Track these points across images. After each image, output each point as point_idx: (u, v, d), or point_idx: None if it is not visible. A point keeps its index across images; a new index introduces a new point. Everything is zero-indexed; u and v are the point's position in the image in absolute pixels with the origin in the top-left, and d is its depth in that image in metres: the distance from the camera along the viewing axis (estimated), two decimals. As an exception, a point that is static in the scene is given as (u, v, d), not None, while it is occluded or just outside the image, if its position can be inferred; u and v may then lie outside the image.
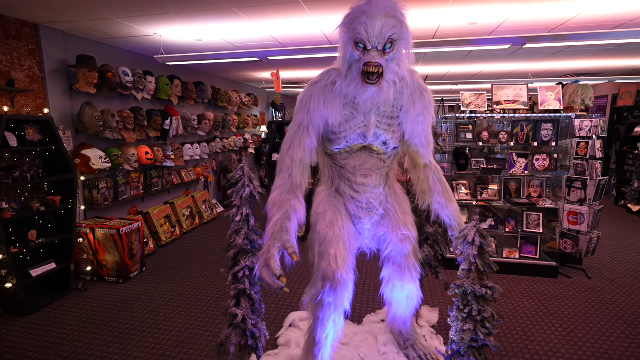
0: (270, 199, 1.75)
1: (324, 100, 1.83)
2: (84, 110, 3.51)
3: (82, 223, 3.54)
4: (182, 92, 4.94)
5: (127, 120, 3.99)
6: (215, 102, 6.10)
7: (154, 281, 3.58)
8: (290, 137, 1.88)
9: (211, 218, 5.74)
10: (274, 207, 1.71)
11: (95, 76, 3.52)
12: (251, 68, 5.75)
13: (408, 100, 1.86)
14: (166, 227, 4.70)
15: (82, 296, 3.28)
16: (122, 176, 4.10)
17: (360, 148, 1.96)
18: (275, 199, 1.73)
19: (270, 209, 1.72)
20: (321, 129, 1.88)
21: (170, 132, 4.76)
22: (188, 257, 4.18)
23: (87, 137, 3.77)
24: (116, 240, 3.48)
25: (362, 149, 1.97)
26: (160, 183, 4.77)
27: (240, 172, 1.79)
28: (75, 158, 3.49)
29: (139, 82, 4.12)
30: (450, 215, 2.09)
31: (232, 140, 6.61)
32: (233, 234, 1.85)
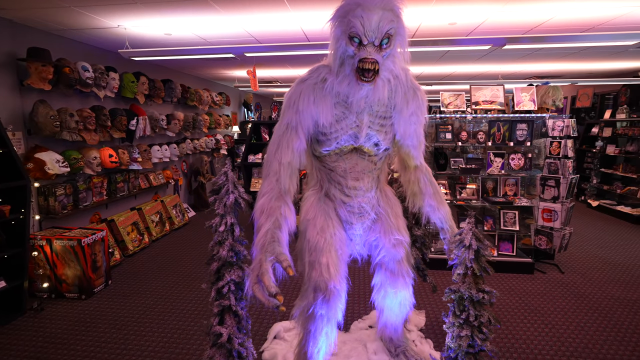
0: (258, 206, 1.60)
1: (314, 99, 1.71)
2: (38, 109, 3.15)
3: (36, 234, 3.19)
4: (149, 90, 4.62)
5: (88, 120, 3.65)
6: (184, 101, 5.79)
7: (122, 295, 3.29)
8: (278, 138, 1.74)
9: (182, 223, 5.43)
10: (262, 215, 1.57)
11: (50, 71, 3.17)
12: (224, 65, 5.50)
13: (402, 100, 1.78)
14: (133, 234, 4.37)
15: (39, 316, 2.94)
16: (82, 181, 3.75)
17: (351, 150, 1.86)
18: (263, 206, 1.59)
19: (258, 218, 1.58)
20: (310, 129, 1.76)
21: (136, 133, 4.44)
22: (159, 267, 3.90)
23: (41, 139, 3.40)
24: (77, 252, 3.16)
25: (353, 151, 1.87)
26: (126, 188, 4.43)
27: (223, 177, 1.63)
28: (28, 162, 3.13)
29: (100, 79, 3.79)
30: (442, 217, 2.04)
31: (203, 141, 6.31)
32: (216, 245, 1.68)
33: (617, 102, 6.52)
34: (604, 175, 6.73)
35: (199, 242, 4.70)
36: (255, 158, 4.50)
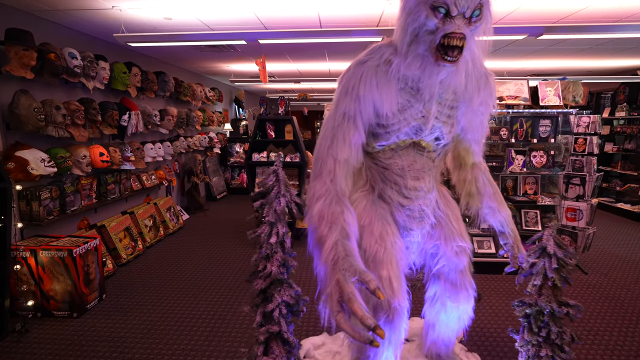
0: (315, 211, 1.32)
1: (377, 84, 1.44)
2: (19, 100, 2.73)
3: (19, 245, 2.77)
4: (141, 82, 4.21)
5: (76, 114, 3.24)
6: (177, 96, 5.38)
7: (119, 311, 2.91)
8: (332, 130, 1.46)
9: (177, 227, 5.04)
10: (324, 223, 1.29)
11: (34, 56, 2.76)
12: (222, 58, 5.14)
13: (473, 87, 1.54)
14: (126, 241, 3.97)
15: (23, 339, 2.54)
16: (70, 183, 3.33)
17: (408, 145, 1.60)
18: (322, 211, 1.31)
19: (317, 226, 1.30)
20: (371, 120, 1.49)
21: (128, 129, 4.03)
22: (157, 277, 3.53)
23: (22, 135, 2.97)
24: (67, 264, 2.76)
25: (410, 146, 1.61)
26: (117, 190, 4.02)
27: (272, 178, 1.34)
28: (8, 161, 2.71)
29: (89, 68, 3.37)
30: (502, 221, 1.82)
31: (197, 139, 5.92)
32: (262, 260, 1.39)
33: (615, 100, 6.57)
34: (602, 172, 6.77)
35: (197, 248, 4.34)
36: (260, 157, 4.18)
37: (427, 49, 1.34)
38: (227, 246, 4.41)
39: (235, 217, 5.78)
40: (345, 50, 4.73)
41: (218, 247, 4.37)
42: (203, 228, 5.18)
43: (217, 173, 7.25)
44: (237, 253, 4.18)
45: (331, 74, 6.54)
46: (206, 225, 5.31)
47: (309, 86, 8.91)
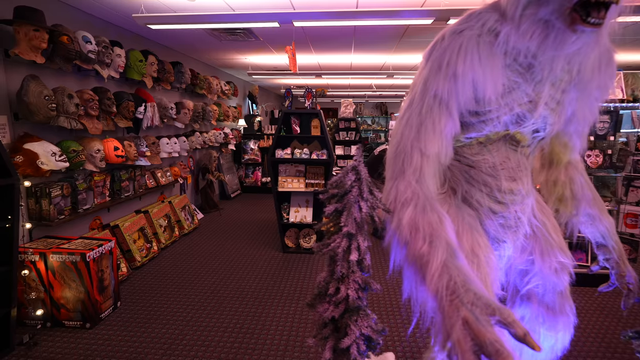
0: (405, 221, 1.02)
1: (479, 58, 1.12)
2: (28, 86, 2.45)
3: (27, 247, 2.50)
4: (157, 72, 3.93)
5: (90, 104, 2.96)
6: (193, 89, 5.10)
7: (136, 321, 2.64)
8: (418, 117, 1.15)
9: (192, 228, 4.76)
10: (419, 237, 0.98)
11: (45, 38, 2.48)
12: (240, 49, 4.84)
13: (594, 65, 1.22)
14: (140, 242, 3.70)
15: (31, 353, 2.27)
16: (82, 179, 3.06)
17: (500, 137, 1.29)
18: (415, 221, 1.01)
19: (411, 240, 0.99)
20: (468, 105, 1.18)
21: (144, 122, 3.75)
22: (174, 282, 3.25)
23: (31, 126, 2.70)
24: (80, 269, 2.49)
25: (502, 139, 1.30)
26: (131, 187, 3.75)
27: (352, 176, 1.04)
28: (16, 155, 2.44)
29: (104, 54, 3.10)
30: (604, 232, 1.50)
31: (212, 135, 5.64)
32: (333, 281, 1.09)
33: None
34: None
35: (215, 250, 4.06)
36: (284, 153, 3.88)
37: (555, 10, 1.02)
38: (246, 249, 4.12)
39: (252, 217, 5.50)
40: (374, 41, 4.41)
41: (237, 250, 4.08)
42: (219, 229, 4.90)
43: (230, 170, 6.97)
44: (257, 257, 3.89)
45: (352, 67, 6.22)
46: (222, 226, 5.03)
47: (326, 82, 8.59)
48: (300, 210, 4.09)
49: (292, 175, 4.09)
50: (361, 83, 8.46)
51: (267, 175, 7.36)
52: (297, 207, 4.10)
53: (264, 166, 7.35)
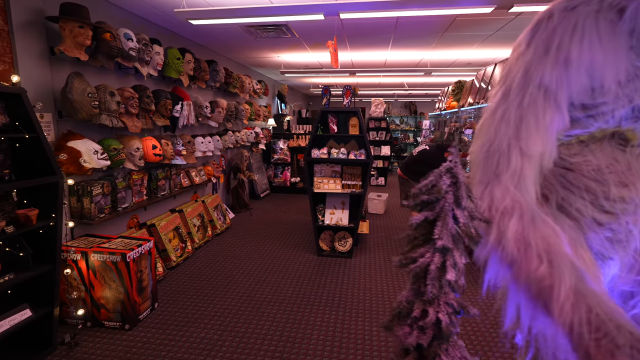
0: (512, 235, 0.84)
1: (599, 40, 0.93)
2: (72, 83, 2.44)
3: (70, 246, 2.48)
4: (193, 70, 3.90)
5: (130, 102, 2.93)
6: (226, 88, 5.06)
7: (174, 324, 2.57)
8: (517, 110, 0.97)
9: (224, 228, 4.72)
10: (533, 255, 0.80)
11: (89, 35, 2.46)
12: (274, 46, 4.75)
13: None
14: (175, 242, 3.66)
15: (72, 354, 2.24)
16: (121, 178, 3.04)
17: (607, 135, 1.08)
18: (524, 236, 0.83)
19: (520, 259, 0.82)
20: (581, 96, 0.98)
21: (180, 121, 3.72)
22: (210, 284, 3.18)
23: (74, 124, 2.70)
24: (120, 269, 2.45)
25: (607, 138, 1.09)
26: (167, 186, 3.72)
27: (447, 180, 0.87)
28: (60, 152, 2.42)
29: (144, 52, 3.07)
30: None
31: (244, 134, 5.59)
32: (418, 301, 0.92)
33: None
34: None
35: (248, 252, 3.98)
36: (320, 153, 3.74)
37: None
38: (280, 251, 4.02)
39: (283, 218, 5.40)
40: (415, 36, 4.20)
41: (270, 252, 3.98)
42: (251, 229, 4.83)
43: (260, 170, 6.93)
44: (291, 260, 3.78)
45: (386, 65, 6.01)
46: (253, 226, 4.96)
47: (358, 80, 8.41)
48: (335, 212, 3.95)
49: (328, 175, 3.95)
50: (392, 82, 8.22)
51: (296, 175, 7.27)
52: (332, 209, 3.96)
53: (293, 166, 7.26)
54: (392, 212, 5.86)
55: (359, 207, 3.86)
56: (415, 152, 4.39)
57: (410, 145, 12.98)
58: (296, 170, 7.30)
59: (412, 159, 4.34)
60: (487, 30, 3.99)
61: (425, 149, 4.32)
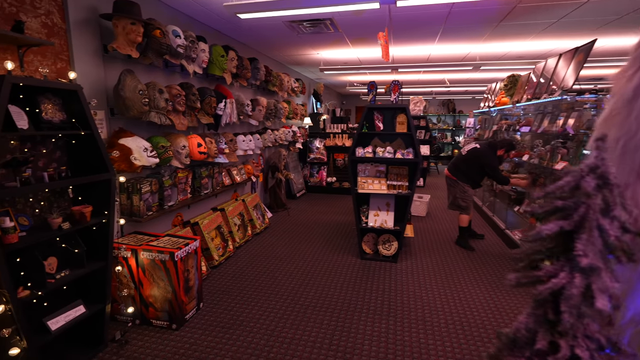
0: None
1: None
2: (125, 81, 2.44)
3: (120, 243, 2.48)
4: (236, 68, 3.86)
5: (177, 100, 2.92)
6: (265, 86, 5.01)
7: (219, 326, 2.51)
8: None
9: (263, 227, 4.67)
10: None
11: (140, 32, 2.45)
12: (315, 42, 4.64)
13: None
14: (217, 241, 3.64)
15: (123, 352, 2.23)
16: (168, 176, 3.04)
17: None
18: None
19: None
20: None
21: (223, 119, 3.69)
22: (252, 284, 3.11)
23: (125, 121, 2.71)
24: (169, 268, 2.42)
25: None
26: (210, 184, 3.71)
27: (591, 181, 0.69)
28: (112, 149, 2.43)
29: (190, 49, 3.05)
30: None
31: (282, 133, 5.53)
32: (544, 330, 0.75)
33: None
34: None
35: (289, 252, 3.88)
36: (365, 152, 3.58)
37: None
38: (322, 253, 3.89)
39: (321, 218, 5.28)
40: (467, 27, 3.93)
41: (311, 254, 3.87)
42: (289, 229, 4.75)
43: (296, 170, 6.86)
44: (334, 263, 3.64)
45: (429, 60, 5.73)
46: (292, 226, 4.88)
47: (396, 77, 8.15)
48: (380, 214, 3.76)
49: (372, 175, 3.78)
50: (433, 78, 7.88)
51: (332, 175, 7.14)
52: (376, 211, 3.78)
53: (329, 165, 7.14)
54: (435, 215, 5.57)
55: (405, 209, 3.65)
56: (465, 151, 4.11)
57: (448, 145, 12.47)
58: (332, 169, 7.17)
59: (461, 158, 4.07)
60: (549, 18, 3.65)
61: (475, 147, 4.03)
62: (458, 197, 3.96)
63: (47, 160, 2.08)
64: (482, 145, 4.07)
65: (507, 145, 3.88)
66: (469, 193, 3.98)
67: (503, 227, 4.35)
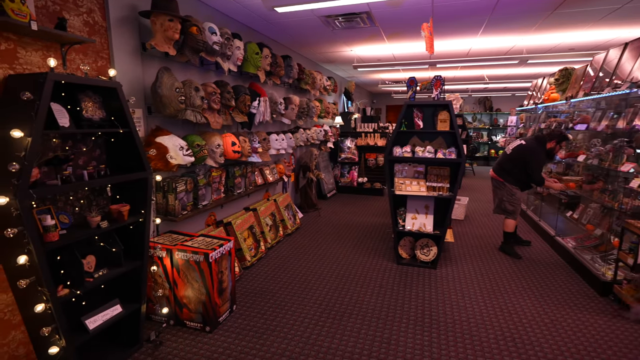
0: None
1: None
2: (162, 78, 2.41)
3: (156, 243, 2.46)
4: (270, 65, 3.79)
5: (213, 98, 2.88)
6: (298, 84, 4.93)
7: (253, 329, 2.43)
8: None
9: (295, 228, 4.58)
10: None
11: (178, 29, 2.41)
12: (349, 38, 4.50)
13: None
14: (249, 241, 3.58)
15: (157, 353, 2.19)
16: (202, 175, 3.00)
17: None
18: None
19: None
20: None
21: (256, 117, 3.63)
22: (285, 287, 3.01)
23: (161, 120, 2.70)
24: (203, 269, 2.37)
25: None
26: (243, 184, 3.66)
27: None
28: (149, 148, 2.41)
29: (226, 46, 3.00)
30: None
31: (313, 132, 5.43)
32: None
33: None
34: None
35: (321, 254, 3.76)
36: (403, 151, 3.39)
37: None
38: (355, 256, 3.75)
39: (353, 220, 5.13)
40: (516, 16, 3.64)
41: (345, 257, 3.73)
42: (321, 230, 4.64)
43: (326, 169, 6.74)
44: (369, 267, 3.48)
45: (469, 55, 5.43)
46: (324, 227, 4.76)
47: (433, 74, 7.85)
48: (418, 217, 3.56)
49: (410, 176, 3.58)
50: (470, 74, 7.50)
51: (363, 175, 6.96)
52: (414, 214, 3.58)
53: (360, 165, 6.96)
54: (475, 219, 5.26)
55: (445, 213, 3.43)
56: (510, 150, 3.82)
57: (484, 145, 11.91)
58: (363, 169, 6.99)
59: (506, 157, 3.79)
60: (612, 4, 3.29)
61: (521, 144, 3.73)
62: (505, 200, 3.68)
63: (87, 158, 2.08)
64: (528, 140, 3.76)
65: (558, 137, 3.55)
66: (517, 196, 3.69)
67: (553, 234, 4.01)
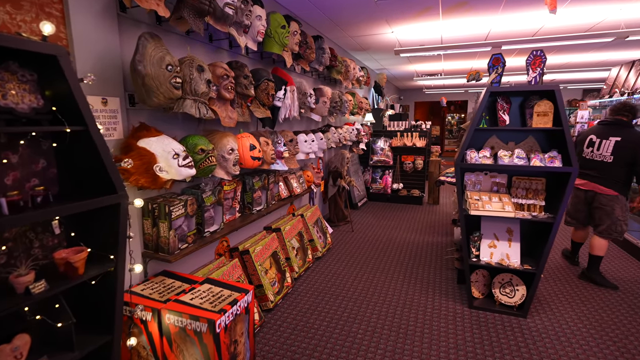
0: None
1: None
2: (144, 48, 1.58)
3: (138, 297, 1.65)
4: (299, 45, 2.94)
5: (224, 83, 2.04)
6: (328, 73, 4.06)
7: None
8: None
9: (326, 249, 3.73)
10: None
11: (170, -26, 1.58)
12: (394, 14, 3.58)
13: None
14: (272, 273, 2.75)
15: None
16: (210, 191, 2.17)
17: None
18: None
19: None
20: None
21: (281, 112, 2.79)
22: (324, 340, 2.15)
23: (150, 113, 1.88)
24: (206, 343, 1.53)
25: None
26: (263, 198, 2.82)
27: None
28: (128, 155, 1.60)
29: (243, 13, 2.16)
30: None
31: (345, 131, 4.55)
32: None
33: None
34: None
35: (362, 287, 2.87)
36: (482, 156, 2.48)
37: None
38: (408, 293, 2.85)
39: (392, 236, 4.22)
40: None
41: (394, 292, 2.84)
42: (356, 252, 3.76)
43: (356, 174, 5.86)
44: (429, 310, 2.58)
45: (539, 33, 4.42)
46: (358, 246, 3.88)
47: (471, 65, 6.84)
48: (498, 244, 2.64)
49: (487, 189, 2.67)
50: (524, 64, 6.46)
51: (399, 181, 6.04)
52: (492, 240, 2.66)
53: (395, 170, 6.04)
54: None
55: (538, 240, 2.51)
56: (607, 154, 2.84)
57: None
58: (399, 174, 6.07)
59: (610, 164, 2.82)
60: None
61: (617, 140, 2.76)
62: (621, 220, 2.73)
63: (22, 174, 1.28)
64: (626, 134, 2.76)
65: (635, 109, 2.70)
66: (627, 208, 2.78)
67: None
